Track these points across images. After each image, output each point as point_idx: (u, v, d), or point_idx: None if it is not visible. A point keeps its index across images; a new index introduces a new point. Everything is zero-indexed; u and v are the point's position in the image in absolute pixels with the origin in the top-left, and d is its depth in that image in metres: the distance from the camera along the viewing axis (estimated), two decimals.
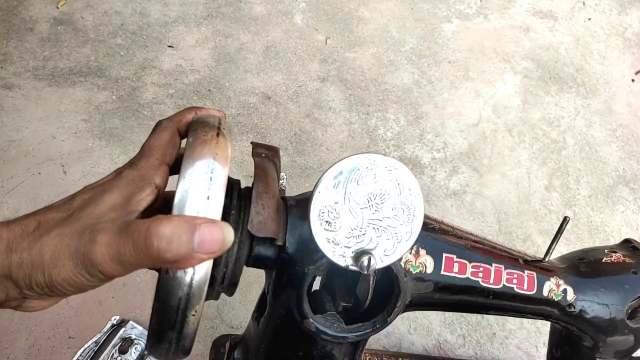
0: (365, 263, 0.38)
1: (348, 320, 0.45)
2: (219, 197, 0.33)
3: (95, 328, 0.98)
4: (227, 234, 0.32)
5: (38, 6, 1.47)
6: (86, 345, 0.95)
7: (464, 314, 1.08)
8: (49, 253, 0.31)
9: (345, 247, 0.38)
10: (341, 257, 0.38)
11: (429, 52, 1.51)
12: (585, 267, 0.57)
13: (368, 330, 0.45)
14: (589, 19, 1.66)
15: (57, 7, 1.47)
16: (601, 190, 1.31)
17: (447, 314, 1.08)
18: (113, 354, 0.94)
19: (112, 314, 0.99)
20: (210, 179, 0.33)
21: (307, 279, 0.42)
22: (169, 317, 0.33)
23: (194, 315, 0.33)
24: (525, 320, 1.09)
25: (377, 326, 0.45)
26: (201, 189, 0.32)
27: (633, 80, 1.53)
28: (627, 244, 0.63)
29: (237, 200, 0.39)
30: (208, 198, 0.32)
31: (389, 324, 0.45)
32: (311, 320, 0.43)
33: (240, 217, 0.39)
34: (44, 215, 0.34)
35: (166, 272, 0.32)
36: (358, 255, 0.38)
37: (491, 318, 1.08)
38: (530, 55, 1.54)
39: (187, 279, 0.32)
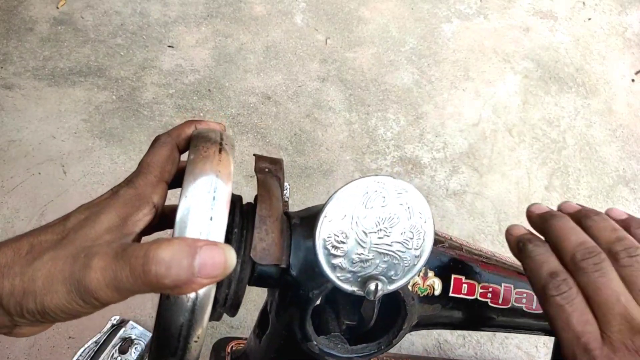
0: (372, 289, 0.36)
1: (352, 339, 0.44)
2: (222, 218, 0.32)
3: (95, 328, 0.98)
4: (229, 257, 0.31)
5: (38, 6, 1.47)
6: (86, 345, 0.95)
7: None
8: (42, 278, 0.30)
9: (352, 272, 0.37)
10: (347, 282, 0.37)
11: (429, 52, 1.51)
12: None
13: (373, 352, 0.44)
14: (589, 19, 1.66)
15: (57, 7, 1.47)
16: (601, 190, 1.31)
17: None
18: (113, 354, 0.94)
19: (112, 314, 0.99)
20: (213, 198, 0.31)
21: (311, 303, 0.40)
22: (170, 344, 0.32)
23: (196, 341, 0.32)
24: None
25: (382, 347, 0.44)
26: (204, 209, 0.31)
27: (633, 80, 1.53)
28: None
29: (239, 218, 0.38)
30: (211, 219, 0.31)
31: (394, 345, 0.44)
32: (315, 342, 0.42)
33: (242, 235, 0.37)
34: (37, 237, 0.33)
35: (167, 298, 0.31)
36: (365, 281, 0.37)
37: None
38: (530, 55, 1.54)
39: (189, 304, 0.31)
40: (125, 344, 0.94)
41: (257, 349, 0.50)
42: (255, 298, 1.04)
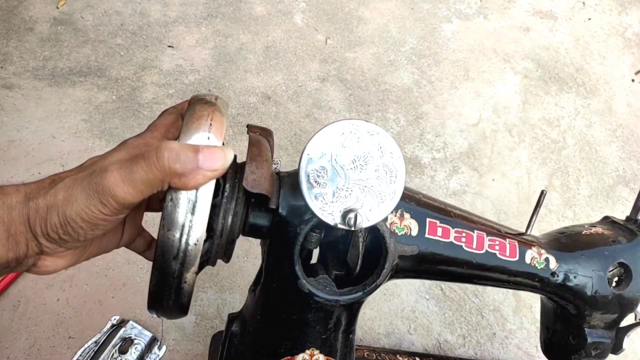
0: (352, 220, 0.40)
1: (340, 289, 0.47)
2: None
3: (95, 328, 0.98)
4: (228, 153, 0.35)
5: (38, 6, 1.47)
6: (86, 345, 0.95)
7: (464, 314, 1.08)
8: (63, 193, 0.33)
9: (333, 205, 0.41)
10: (330, 215, 0.41)
11: (429, 52, 1.51)
12: (566, 239, 0.58)
13: (359, 293, 0.47)
14: (589, 19, 1.66)
15: (57, 7, 1.47)
16: (601, 190, 1.31)
17: (447, 313, 1.08)
18: (113, 354, 0.94)
19: (112, 314, 0.99)
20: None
21: (299, 239, 0.44)
22: (172, 246, 0.34)
23: (195, 244, 0.35)
24: (525, 320, 1.09)
25: (367, 289, 0.47)
26: None
27: (633, 80, 1.53)
28: (606, 219, 0.64)
29: (232, 171, 0.41)
30: None
31: (378, 287, 0.47)
32: (304, 281, 0.45)
33: (235, 180, 0.41)
34: (58, 174, 0.37)
35: (170, 199, 0.34)
36: (345, 214, 0.41)
37: (491, 318, 1.08)
38: (530, 55, 1.54)
39: (189, 205, 0.34)
40: (125, 344, 0.94)
41: (251, 303, 0.52)
42: None
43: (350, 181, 0.40)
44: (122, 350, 0.94)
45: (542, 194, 0.55)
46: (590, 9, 1.69)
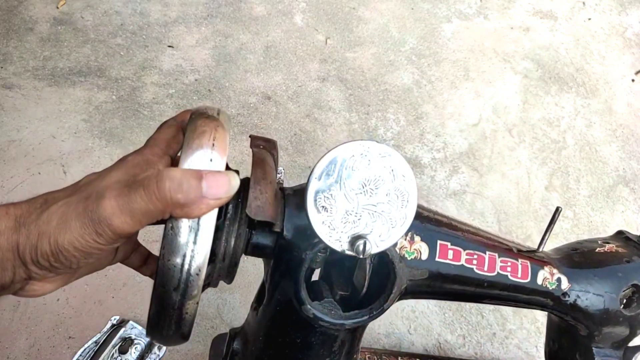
0: (361, 247, 0.38)
1: (346, 310, 0.45)
2: None
3: (95, 328, 0.98)
4: (233, 180, 0.33)
5: (38, 6, 1.47)
6: (86, 345, 0.95)
7: (464, 314, 1.08)
8: (56, 219, 0.31)
9: (341, 231, 0.39)
10: (337, 241, 0.39)
11: (429, 52, 1.51)
12: (578, 257, 0.57)
13: (365, 317, 0.45)
14: (589, 19, 1.66)
15: (57, 7, 1.47)
16: (601, 190, 1.31)
17: (447, 313, 1.08)
18: (113, 354, 0.94)
19: (112, 314, 0.99)
20: (210, 165, 0.33)
21: (304, 265, 0.42)
22: (173, 276, 0.33)
23: (197, 274, 0.33)
24: (525, 320, 1.09)
25: (374, 312, 0.45)
26: None
27: (633, 80, 1.53)
28: (620, 235, 0.63)
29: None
30: None
31: (385, 311, 0.46)
32: (309, 306, 0.43)
33: (239, 198, 0.39)
34: (51, 194, 0.34)
35: (171, 228, 0.32)
36: (354, 240, 0.39)
37: (491, 318, 1.08)
38: (530, 55, 1.54)
39: (192, 234, 0.32)
40: (125, 344, 0.94)
41: (254, 322, 0.51)
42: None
43: (359, 206, 0.38)
44: (122, 350, 0.94)
45: (558, 211, 0.53)
46: (590, 9, 1.69)
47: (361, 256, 0.39)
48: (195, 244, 0.32)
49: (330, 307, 0.45)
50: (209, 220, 0.33)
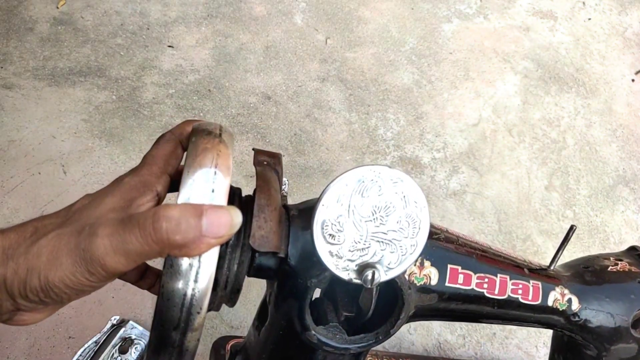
0: (370, 277, 0.37)
1: (350, 330, 0.44)
2: None
3: (95, 328, 0.98)
4: (235, 217, 0.31)
5: (38, 6, 1.47)
6: (86, 345, 0.95)
7: None
8: (46, 254, 0.29)
9: (349, 260, 0.37)
10: (344, 270, 0.37)
11: (429, 52, 1.51)
12: (590, 275, 0.56)
13: (371, 342, 0.44)
14: (589, 19, 1.66)
15: (57, 7, 1.47)
16: (601, 190, 1.31)
17: None
18: (113, 354, 0.94)
19: (112, 314, 0.99)
20: (212, 190, 0.32)
21: (309, 292, 0.41)
22: (173, 315, 0.31)
23: (198, 313, 0.32)
24: None
25: (380, 338, 0.44)
26: (203, 200, 0.31)
27: (633, 80, 1.53)
28: (633, 251, 0.61)
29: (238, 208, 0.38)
30: None
31: (392, 336, 0.44)
32: (313, 332, 0.42)
33: (242, 224, 0.38)
34: (42, 221, 0.32)
35: (170, 266, 0.30)
36: (362, 269, 0.37)
37: None
38: (530, 55, 1.54)
39: (192, 272, 0.30)
40: (125, 344, 0.94)
41: (256, 342, 0.50)
42: (255, 298, 1.04)
43: (368, 234, 0.37)
44: (122, 350, 0.94)
45: (572, 229, 0.51)
46: (590, 9, 1.69)
47: (369, 286, 0.37)
48: (196, 282, 0.30)
49: (335, 332, 0.43)
50: (210, 257, 0.31)
